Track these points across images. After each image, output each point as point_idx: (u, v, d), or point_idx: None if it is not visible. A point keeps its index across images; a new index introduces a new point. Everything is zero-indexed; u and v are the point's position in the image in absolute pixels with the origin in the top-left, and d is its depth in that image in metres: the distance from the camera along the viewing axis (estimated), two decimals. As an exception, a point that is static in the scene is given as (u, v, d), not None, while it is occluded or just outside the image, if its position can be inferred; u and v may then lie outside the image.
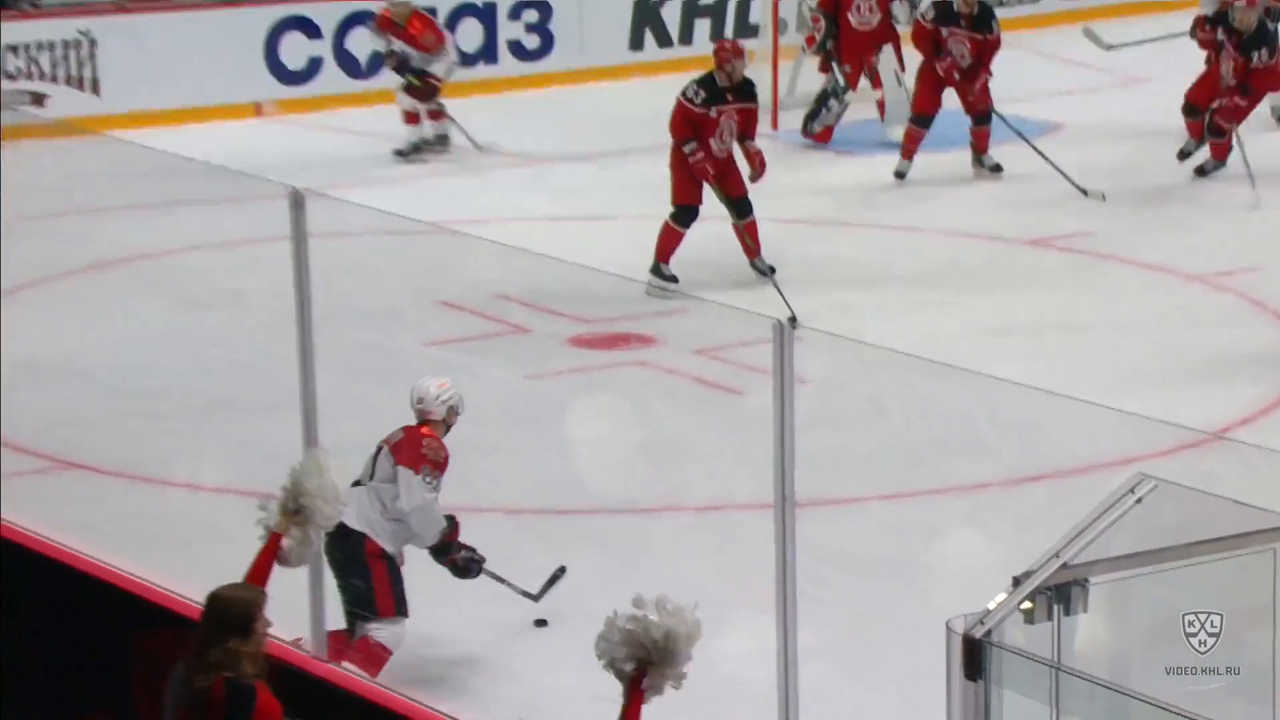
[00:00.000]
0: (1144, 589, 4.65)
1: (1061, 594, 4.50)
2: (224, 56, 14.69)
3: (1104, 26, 14.84)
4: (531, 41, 15.80)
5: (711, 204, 10.86)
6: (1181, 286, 10.82)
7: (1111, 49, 14.43)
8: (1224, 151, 12.59)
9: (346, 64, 15.12)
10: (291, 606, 5.94)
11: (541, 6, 15.77)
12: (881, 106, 13.97)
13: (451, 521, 6.67)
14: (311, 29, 15.05)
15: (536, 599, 6.80)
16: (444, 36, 13.98)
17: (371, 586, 6.43)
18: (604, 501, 7.72)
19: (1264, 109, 13.21)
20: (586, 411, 8.26)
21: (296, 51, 15.04)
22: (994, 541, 7.36)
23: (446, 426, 6.72)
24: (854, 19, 13.75)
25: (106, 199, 10.75)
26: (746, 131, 10.88)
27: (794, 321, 5.32)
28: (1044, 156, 12.61)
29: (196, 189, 11.92)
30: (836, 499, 7.80)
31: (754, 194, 10.88)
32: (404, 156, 13.66)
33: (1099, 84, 15.38)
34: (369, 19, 14.16)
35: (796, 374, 5.26)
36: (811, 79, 14.27)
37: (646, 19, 16.13)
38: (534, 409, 9.06)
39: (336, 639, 6.41)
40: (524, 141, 13.97)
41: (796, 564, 5.29)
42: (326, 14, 15.09)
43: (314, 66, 15.09)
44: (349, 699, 6.06)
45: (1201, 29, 12.75)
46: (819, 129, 13.91)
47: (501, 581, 6.81)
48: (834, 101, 13.86)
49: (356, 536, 6.48)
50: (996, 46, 12.91)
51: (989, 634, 4.41)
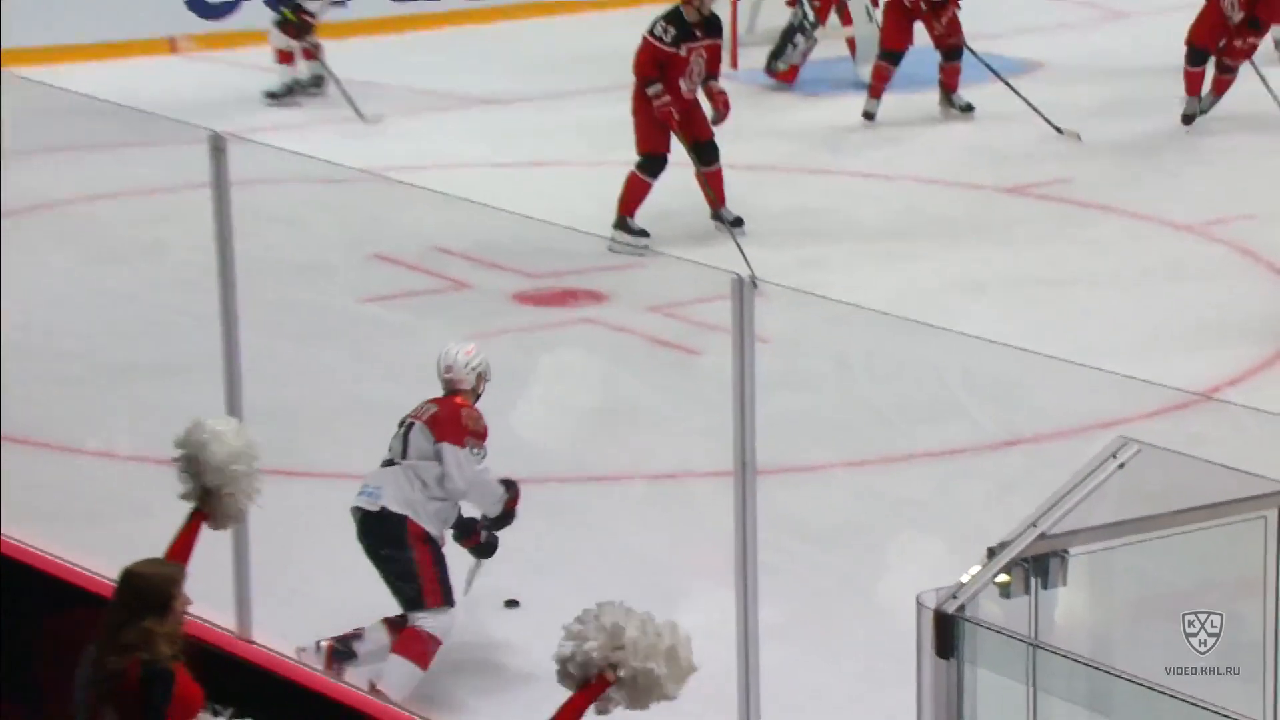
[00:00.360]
0: (1127, 560, 4.68)
1: (1039, 566, 4.53)
2: (137, -12, 14.60)
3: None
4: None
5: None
6: (1169, 237, 10.87)
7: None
8: (1226, 87, 12.59)
9: (269, -4, 15.04)
10: (215, 583, 5.94)
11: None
12: (852, 44, 13.94)
13: (512, 487, 6.68)
14: (232, -42, 14.98)
15: (465, 591, 6.79)
16: None
17: (417, 574, 6.42)
18: (553, 469, 7.74)
19: (1265, 42, 13.23)
20: (533, 373, 8.26)
21: (216, -17, 14.96)
22: (967, 511, 7.42)
23: (476, 395, 6.70)
24: (822, -54, 13.72)
25: (9, 142, 10.67)
26: (711, 70, 10.85)
27: (754, 281, 5.32)
28: (1017, 93, 12.61)
29: (108, 132, 11.84)
30: (800, 466, 7.83)
31: (715, 139, 10.86)
32: (276, 99, 13.39)
33: (1081, 19, 15.41)
34: None
35: (757, 332, 5.28)
36: (775, 13, 14.24)
37: (596, -52, 16.09)
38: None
39: (390, 626, 6.44)
40: (466, 81, 13.93)
41: (757, 535, 5.32)
42: (248, -57, 15.02)
43: (234, -1, 15.02)
44: (273, 680, 6.07)
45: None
46: (784, 68, 13.85)
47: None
48: (800, 38, 13.78)
49: (396, 519, 6.45)
50: (966, -26, 12.91)
51: (962, 609, 4.43)
